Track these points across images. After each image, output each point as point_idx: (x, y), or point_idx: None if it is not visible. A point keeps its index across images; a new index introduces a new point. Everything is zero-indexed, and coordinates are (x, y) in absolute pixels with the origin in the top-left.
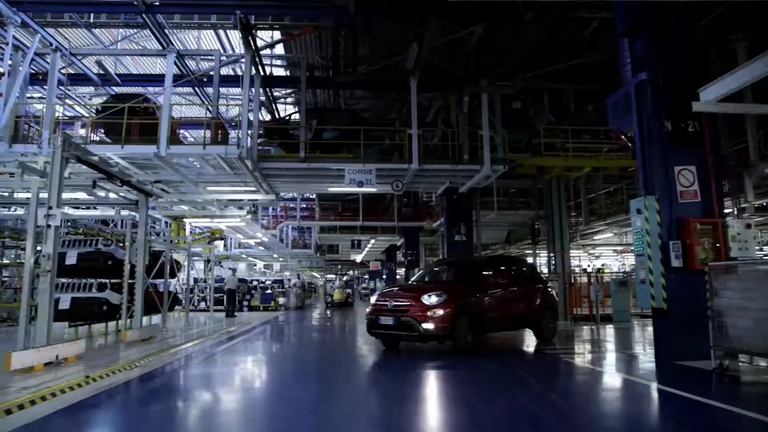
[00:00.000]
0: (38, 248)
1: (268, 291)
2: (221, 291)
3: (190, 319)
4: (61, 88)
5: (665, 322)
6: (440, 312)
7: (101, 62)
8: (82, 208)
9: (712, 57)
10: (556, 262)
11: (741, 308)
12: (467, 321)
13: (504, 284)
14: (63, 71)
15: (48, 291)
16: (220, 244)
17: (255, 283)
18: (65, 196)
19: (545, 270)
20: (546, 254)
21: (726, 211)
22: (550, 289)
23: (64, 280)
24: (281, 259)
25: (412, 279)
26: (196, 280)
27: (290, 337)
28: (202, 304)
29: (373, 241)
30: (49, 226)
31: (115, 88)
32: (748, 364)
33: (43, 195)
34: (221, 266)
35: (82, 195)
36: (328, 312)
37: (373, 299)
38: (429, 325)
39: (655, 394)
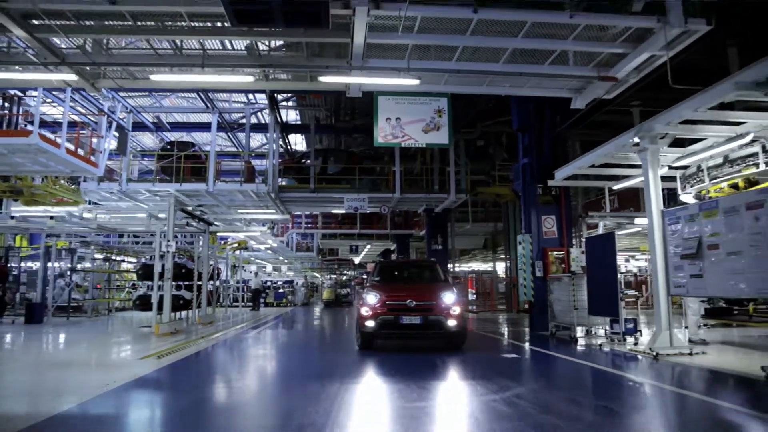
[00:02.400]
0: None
1: (281, 290)
2: (241, 290)
3: (224, 312)
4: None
5: (533, 310)
6: (458, 310)
7: (158, 116)
8: None
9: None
10: (510, 267)
11: (558, 300)
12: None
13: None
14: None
15: (170, 289)
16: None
17: (269, 283)
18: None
19: (502, 274)
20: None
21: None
22: None
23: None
24: (286, 261)
25: (372, 278)
26: (221, 281)
27: (301, 323)
28: (226, 301)
29: (369, 246)
30: (168, 251)
31: (166, 134)
32: (564, 330)
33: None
34: (244, 270)
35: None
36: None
37: (372, 299)
38: (452, 323)
39: (516, 345)
